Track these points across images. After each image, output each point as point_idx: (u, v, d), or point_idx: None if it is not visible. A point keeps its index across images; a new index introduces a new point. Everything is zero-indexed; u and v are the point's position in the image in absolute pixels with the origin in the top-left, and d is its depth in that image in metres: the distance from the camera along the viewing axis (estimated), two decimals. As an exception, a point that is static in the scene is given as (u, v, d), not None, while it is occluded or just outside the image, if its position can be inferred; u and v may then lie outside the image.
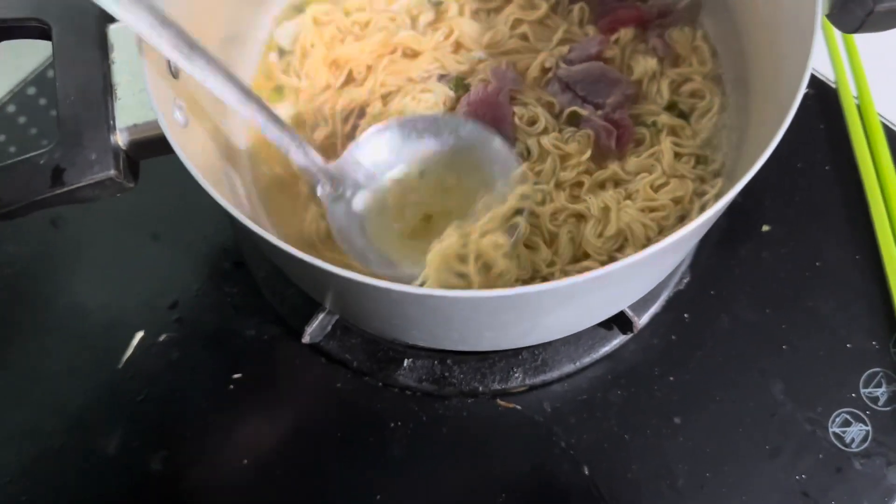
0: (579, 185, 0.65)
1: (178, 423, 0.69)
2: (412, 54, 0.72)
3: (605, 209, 0.61)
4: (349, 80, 0.71)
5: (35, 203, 0.50)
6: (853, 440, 0.67)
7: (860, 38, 0.81)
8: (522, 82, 0.69)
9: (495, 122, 0.66)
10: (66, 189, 0.50)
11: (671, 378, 0.69)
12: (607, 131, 0.64)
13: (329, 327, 0.70)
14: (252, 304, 0.73)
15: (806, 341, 0.70)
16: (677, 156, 0.65)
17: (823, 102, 0.80)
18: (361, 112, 0.69)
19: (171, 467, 0.68)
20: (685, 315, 0.71)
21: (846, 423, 0.67)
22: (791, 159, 0.77)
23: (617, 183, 0.64)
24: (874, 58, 0.80)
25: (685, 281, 0.72)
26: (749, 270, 0.73)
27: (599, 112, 0.66)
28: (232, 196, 0.64)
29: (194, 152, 0.48)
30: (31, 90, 0.83)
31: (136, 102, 0.52)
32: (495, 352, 0.69)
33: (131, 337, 0.72)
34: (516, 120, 0.67)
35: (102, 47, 0.53)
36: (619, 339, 0.69)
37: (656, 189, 0.63)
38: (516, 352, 0.69)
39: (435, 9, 0.74)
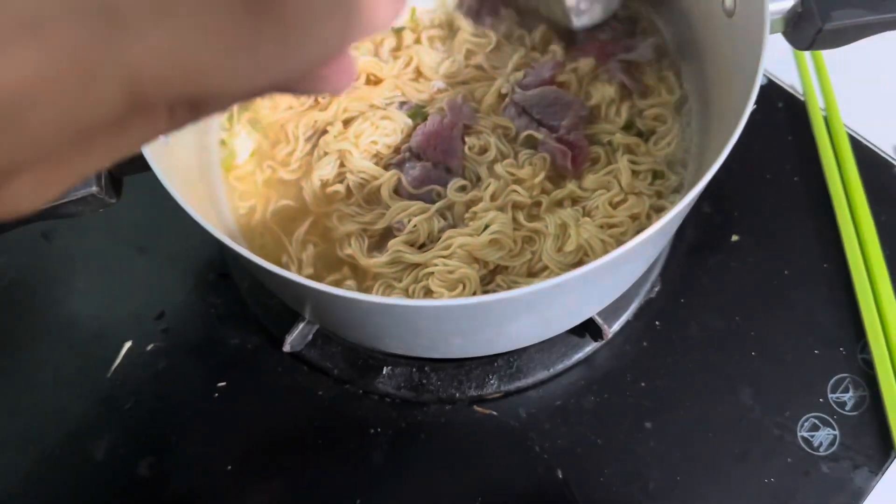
0: (538, 204, 0.67)
1: (165, 430, 0.71)
2: (375, 80, 0.74)
3: (563, 226, 0.63)
4: (314, 104, 0.73)
5: (19, 220, 0.52)
6: (821, 444, 0.69)
7: (827, 52, 0.83)
8: (476, 116, 0.71)
9: (445, 155, 0.68)
10: (49, 205, 0.52)
11: (643, 384, 0.71)
12: (562, 153, 0.66)
13: (310, 336, 0.72)
14: (236, 314, 0.75)
15: (774, 348, 0.72)
16: (634, 173, 0.67)
17: (792, 115, 0.82)
18: (323, 131, 0.71)
19: (158, 472, 0.70)
20: (656, 322, 0.73)
21: (814, 428, 0.69)
22: (760, 171, 0.79)
23: (575, 201, 0.67)
24: (841, 71, 0.82)
25: (656, 289, 0.74)
26: (718, 279, 0.75)
27: (554, 135, 0.68)
28: (214, 211, 0.66)
29: (175, 168, 0.50)
30: None
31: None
32: (471, 359, 0.71)
33: (120, 347, 0.74)
34: (466, 150, 0.69)
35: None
36: (591, 346, 0.71)
37: (615, 206, 0.65)
38: (491, 359, 0.71)
39: (396, 35, 0.76)
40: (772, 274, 0.75)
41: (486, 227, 0.64)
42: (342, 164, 0.69)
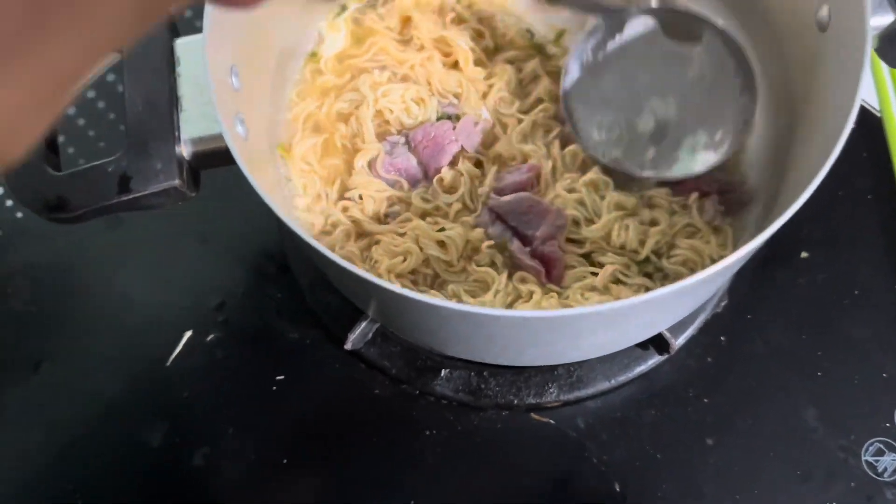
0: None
1: (222, 421, 0.71)
2: (451, 65, 0.73)
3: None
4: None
5: (102, 208, 0.52)
6: (886, 469, 0.67)
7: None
8: (476, 152, 0.70)
9: (430, 159, 0.68)
10: (132, 196, 0.52)
11: (705, 400, 0.70)
12: (536, 271, 0.63)
13: (370, 335, 0.72)
14: (295, 308, 0.75)
15: (841, 368, 0.71)
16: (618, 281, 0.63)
17: (867, 131, 0.80)
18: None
19: (212, 463, 0.70)
20: (721, 338, 0.72)
21: (879, 453, 0.68)
22: (832, 187, 0.77)
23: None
24: (921, 88, 0.80)
25: (723, 304, 0.73)
26: (786, 296, 0.74)
27: (528, 248, 0.64)
28: (285, 206, 0.66)
29: (253, 164, 0.50)
30: (91, 94, 0.86)
31: (200, 115, 0.55)
32: (531, 366, 0.71)
33: (180, 336, 0.74)
34: (435, 180, 0.68)
35: (169, 60, 0.56)
36: (654, 359, 0.70)
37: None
38: (552, 367, 0.70)
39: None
40: (841, 292, 0.73)
41: (443, 229, 0.65)
42: (357, 107, 0.70)
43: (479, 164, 0.70)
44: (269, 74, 0.67)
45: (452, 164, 0.69)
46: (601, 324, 0.50)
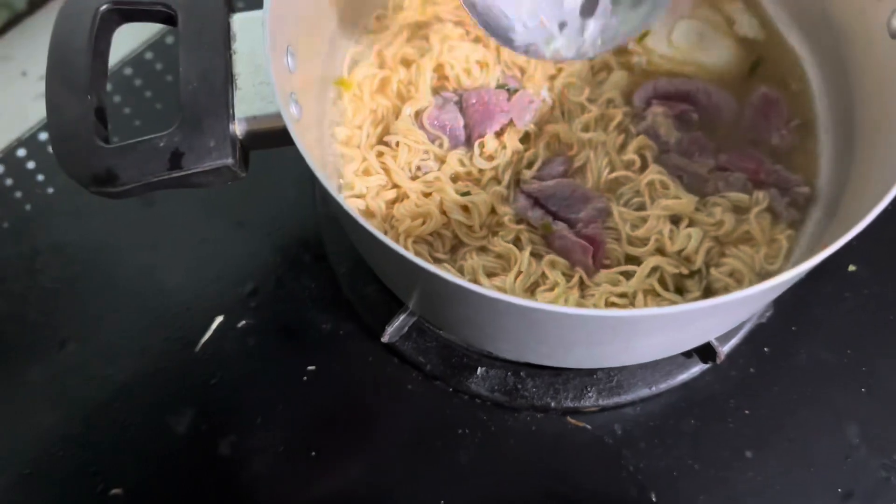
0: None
1: (250, 410, 0.70)
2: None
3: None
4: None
5: (151, 184, 0.51)
6: (929, 491, 0.66)
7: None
8: (526, 127, 0.69)
9: (477, 123, 0.68)
10: (182, 173, 0.51)
11: (746, 411, 0.68)
12: (582, 248, 0.62)
13: (406, 329, 0.70)
14: (330, 298, 0.74)
15: (886, 385, 0.69)
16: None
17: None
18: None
19: (239, 452, 0.69)
20: (765, 349, 0.70)
21: (923, 474, 0.66)
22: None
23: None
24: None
25: (768, 314, 0.71)
26: (832, 309, 0.72)
27: (573, 229, 0.64)
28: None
29: (307, 145, 0.48)
30: (149, 55, 0.85)
31: (255, 94, 0.53)
32: (570, 369, 0.69)
33: (210, 321, 0.73)
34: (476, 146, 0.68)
35: (225, 37, 0.54)
36: (697, 368, 0.69)
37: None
38: (591, 371, 0.69)
39: None
40: (889, 308, 0.72)
41: (467, 193, 0.64)
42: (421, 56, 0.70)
43: (525, 139, 0.69)
44: (321, 58, 0.66)
45: (498, 135, 0.68)
46: (663, 327, 0.48)
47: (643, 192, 0.64)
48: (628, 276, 0.61)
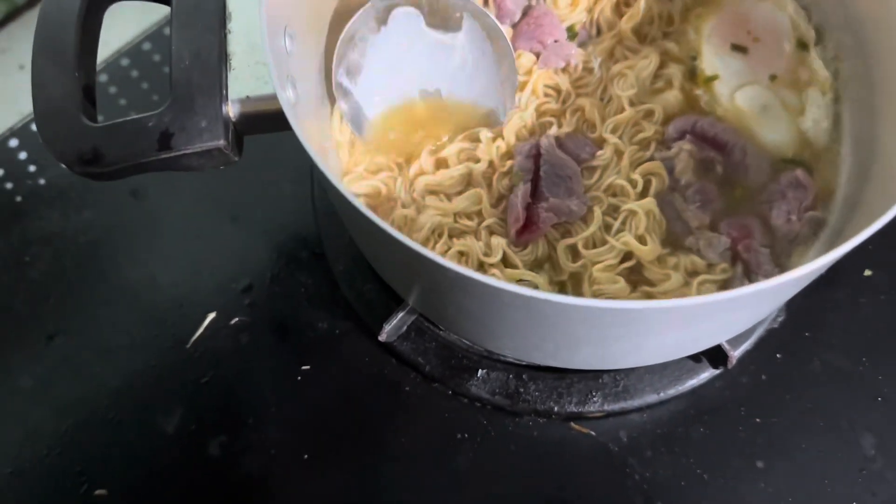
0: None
1: (242, 410, 0.68)
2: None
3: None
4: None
5: (139, 165, 0.49)
6: (946, 506, 0.63)
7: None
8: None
9: (537, 35, 0.69)
10: (172, 154, 0.48)
11: (757, 420, 0.66)
12: (516, 218, 0.62)
13: (405, 328, 0.68)
14: (326, 296, 0.72)
15: (902, 396, 0.67)
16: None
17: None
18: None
19: (229, 453, 0.66)
20: (777, 355, 0.68)
21: (940, 488, 0.63)
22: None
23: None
24: None
25: (780, 319, 0.69)
26: (847, 315, 0.70)
27: (531, 202, 0.62)
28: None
29: (305, 134, 0.46)
30: (147, 45, 0.84)
31: (250, 74, 0.51)
32: (574, 371, 0.67)
33: (203, 317, 0.71)
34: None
35: (220, 15, 0.52)
36: (706, 374, 0.66)
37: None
38: (596, 375, 0.66)
39: None
40: (905, 315, 0.69)
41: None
42: None
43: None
44: (321, 38, 0.63)
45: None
46: (673, 323, 0.46)
47: (621, 216, 0.62)
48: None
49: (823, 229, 0.62)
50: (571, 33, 0.71)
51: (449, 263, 0.42)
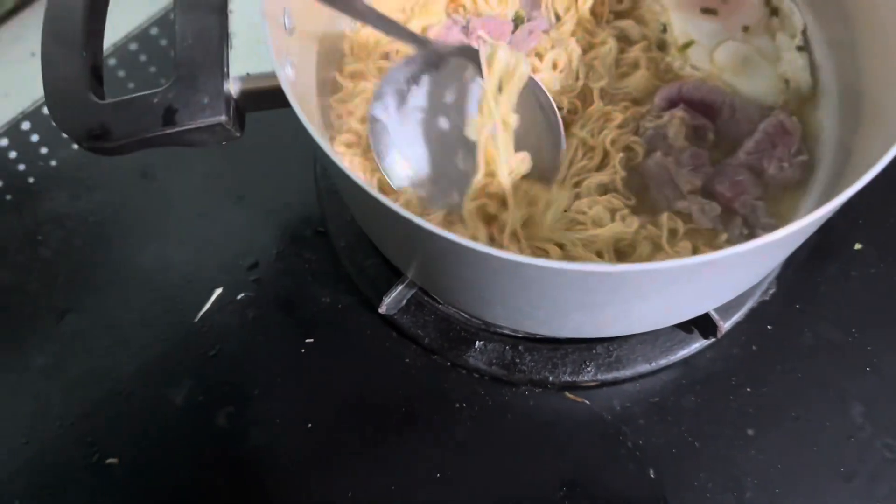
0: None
1: (248, 382, 0.70)
2: None
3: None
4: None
5: (145, 140, 0.51)
6: (934, 473, 0.64)
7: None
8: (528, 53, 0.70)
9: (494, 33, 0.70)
10: (176, 129, 0.50)
11: (748, 389, 0.67)
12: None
13: (404, 301, 0.70)
14: (329, 271, 0.74)
15: (891, 366, 0.68)
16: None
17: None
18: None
19: (236, 424, 0.68)
20: (768, 326, 0.69)
21: (928, 455, 0.65)
22: (891, 178, 0.75)
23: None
24: None
25: (771, 292, 0.70)
26: (837, 288, 0.71)
27: None
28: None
29: (306, 111, 0.48)
30: (154, 30, 0.86)
31: (251, 53, 0.53)
32: (568, 342, 0.68)
33: (210, 293, 0.73)
34: None
35: (222, -5, 0.54)
36: (698, 344, 0.68)
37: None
38: (590, 345, 0.68)
39: None
40: (894, 287, 0.71)
41: None
42: None
43: None
44: (322, 20, 0.65)
45: None
46: (661, 284, 0.47)
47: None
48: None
49: (814, 173, 0.63)
50: (519, 19, 0.72)
51: (442, 231, 0.44)
